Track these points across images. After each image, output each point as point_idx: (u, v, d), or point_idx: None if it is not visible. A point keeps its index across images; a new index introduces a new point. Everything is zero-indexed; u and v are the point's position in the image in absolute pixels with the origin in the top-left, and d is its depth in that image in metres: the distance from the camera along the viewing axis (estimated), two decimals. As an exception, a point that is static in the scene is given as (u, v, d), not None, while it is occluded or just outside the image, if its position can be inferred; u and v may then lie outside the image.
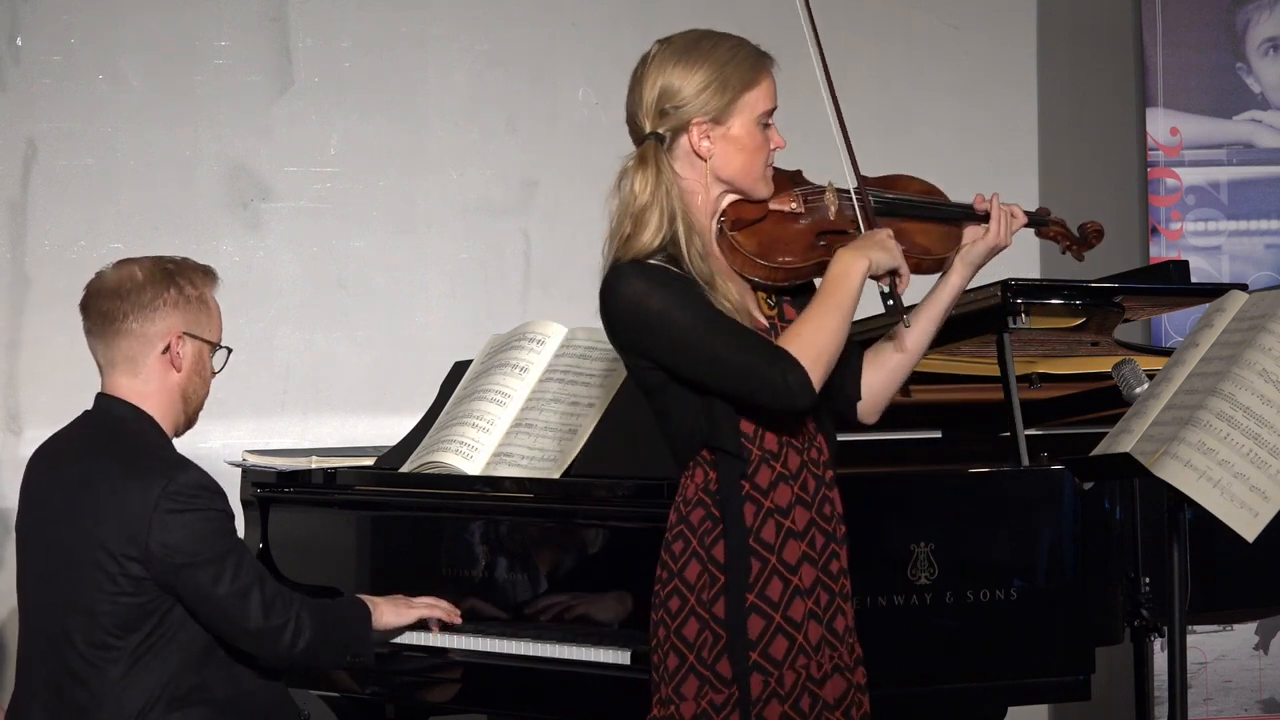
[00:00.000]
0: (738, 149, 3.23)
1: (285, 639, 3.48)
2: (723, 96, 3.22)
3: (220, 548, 3.44)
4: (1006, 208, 3.40)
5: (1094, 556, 3.88)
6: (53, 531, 3.52)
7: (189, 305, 3.57)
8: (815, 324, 3.15)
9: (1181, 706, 3.54)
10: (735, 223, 3.24)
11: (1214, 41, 5.96)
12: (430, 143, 5.84)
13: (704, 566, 3.18)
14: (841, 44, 6.26)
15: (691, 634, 3.18)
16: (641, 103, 3.24)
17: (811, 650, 3.19)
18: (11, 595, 5.37)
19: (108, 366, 3.59)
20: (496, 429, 4.24)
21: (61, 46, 5.55)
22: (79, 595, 3.44)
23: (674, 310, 3.13)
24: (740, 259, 3.23)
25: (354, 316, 5.75)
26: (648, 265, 3.16)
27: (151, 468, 3.44)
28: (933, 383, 4.64)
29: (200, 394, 3.61)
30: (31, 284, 5.51)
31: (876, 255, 3.18)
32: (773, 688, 3.16)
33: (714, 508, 3.19)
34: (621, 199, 3.21)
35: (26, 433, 5.45)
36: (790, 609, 3.18)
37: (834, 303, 3.16)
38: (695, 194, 3.23)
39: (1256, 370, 3.28)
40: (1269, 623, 5.79)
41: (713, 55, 3.25)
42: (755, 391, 3.12)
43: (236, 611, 3.44)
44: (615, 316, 3.19)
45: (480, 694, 3.98)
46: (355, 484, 4.38)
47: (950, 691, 3.78)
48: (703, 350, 3.12)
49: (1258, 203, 5.94)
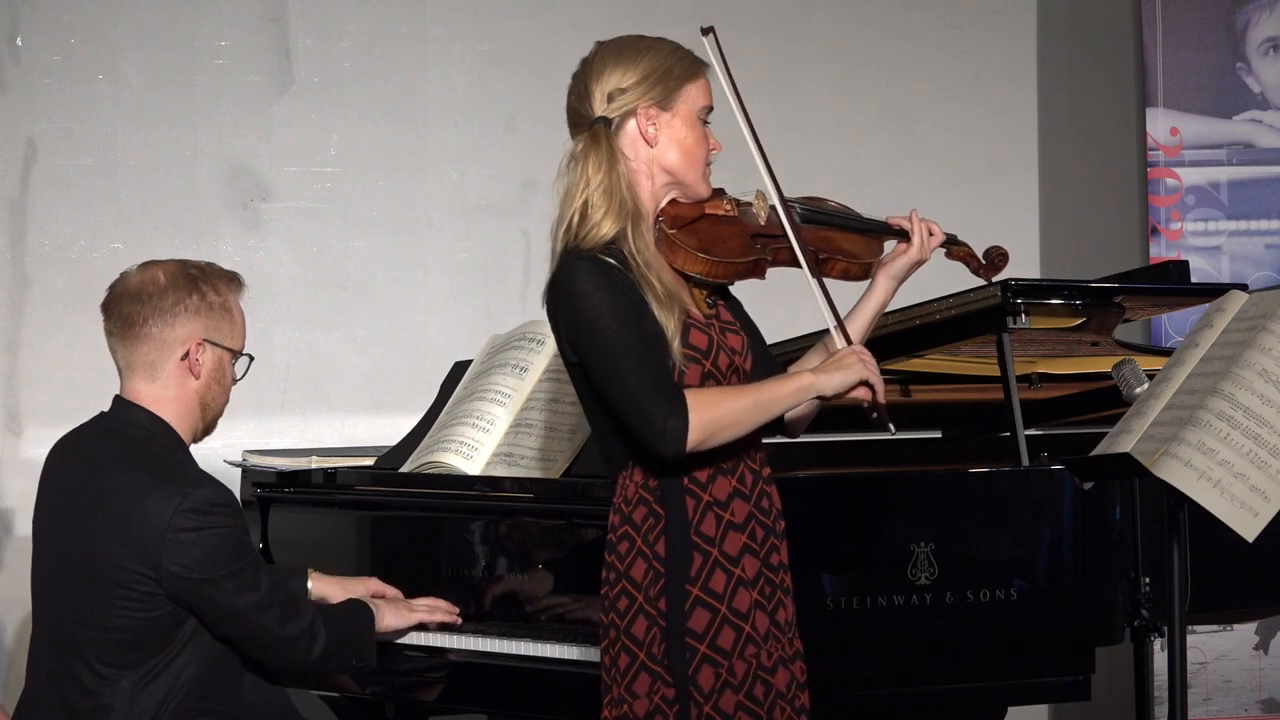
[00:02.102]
0: (681, 137, 3.30)
1: (302, 647, 3.48)
2: (667, 84, 3.30)
3: (237, 563, 3.41)
4: (925, 223, 3.48)
5: (1094, 556, 3.88)
6: (65, 543, 3.51)
7: (211, 312, 3.53)
8: (733, 401, 3.20)
9: (1181, 706, 3.54)
10: (674, 221, 3.32)
11: (1214, 41, 5.96)
12: (430, 143, 5.84)
13: (649, 564, 3.22)
14: (842, 43, 6.26)
15: (640, 632, 3.21)
16: (587, 93, 3.30)
17: (760, 640, 3.23)
18: (11, 595, 5.39)
19: (127, 370, 3.55)
20: (496, 429, 4.25)
21: (61, 46, 5.55)
22: (90, 609, 3.43)
23: (606, 318, 3.18)
24: (681, 255, 3.28)
25: (354, 316, 5.75)
26: (602, 263, 3.21)
27: (166, 485, 3.41)
28: (933, 383, 4.64)
29: (219, 402, 3.58)
30: (31, 284, 5.51)
31: (837, 377, 3.25)
32: (725, 678, 3.19)
33: (656, 504, 3.23)
34: (571, 182, 3.27)
35: (27, 432, 5.45)
36: (735, 600, 3.22)
37: (766, 397, 3.22)
38: (640, 180, 3.29)
39: (1256, 370, 3.27)
40: (1269, 623, 5.80)
41: (654, 49, 3.33)
42: (634, 420, 3.16)
43: (256, 623, 3.43)
44: (561, 308, 3.24)
45: (480, 694, 3.97)
46: (355, 484, 4.38)
47: (950, 691, 3.78)
48: (613, 362, 3.17)
49: (1258, 203, 5.94)
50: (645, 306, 3.19)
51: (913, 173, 6.19)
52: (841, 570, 3.65)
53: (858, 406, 3.33)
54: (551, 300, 3.26)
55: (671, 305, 3.21)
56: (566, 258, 3.24)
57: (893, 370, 4.54)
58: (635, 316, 3.19)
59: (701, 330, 3.25)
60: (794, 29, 6.12)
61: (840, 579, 3.64)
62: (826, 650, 3.60)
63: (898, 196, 6.26)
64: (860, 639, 3.66)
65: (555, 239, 3.28)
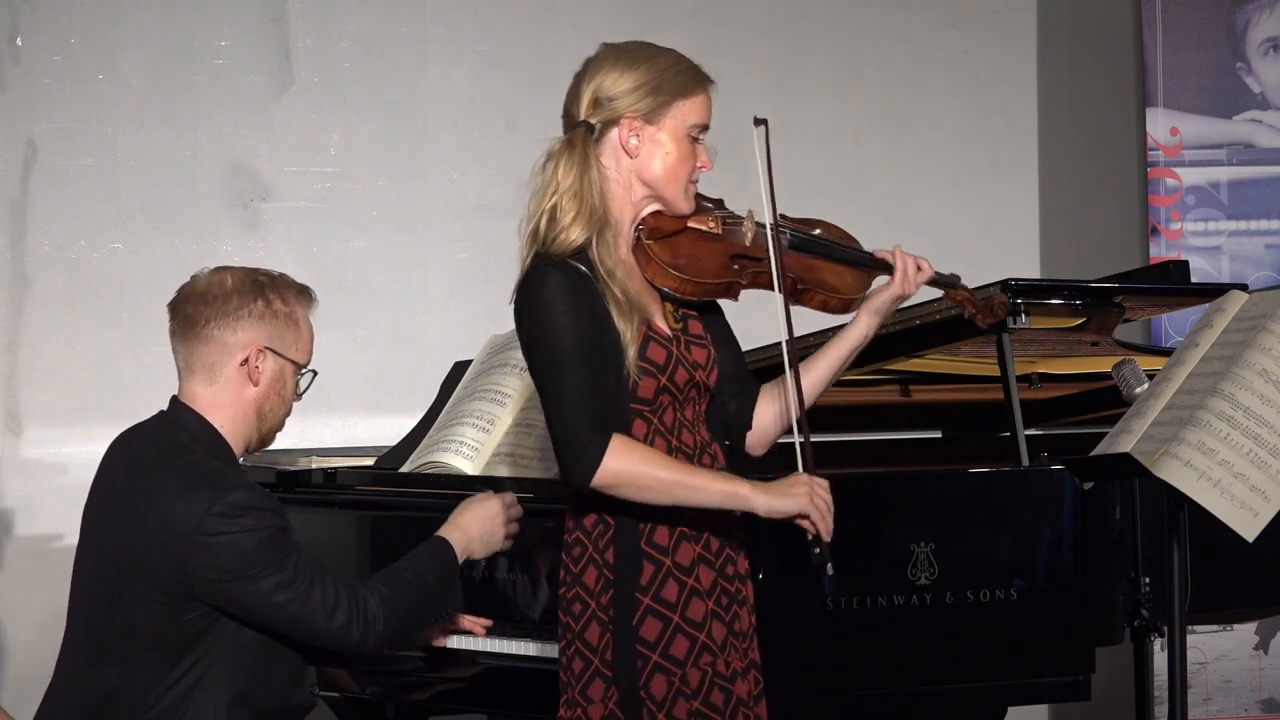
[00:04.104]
0: (663, 153, 3.27)
1: (354, 636, 3.40)
2: (656, 98, 3.26)
3: (273, 559, 3.35)
4: (912, 259, 3.40)
5: (1094, 556, 3.88)
6: (103, 539, 3.48)
7: (275, 320, 3.48)
8: (657, 468, 3.16)
9: (1181, 706, 3.54)
10: (653, 232, 3.29)
11: (1214, 41, 5.96)
12: (430, 143, 5.84)
13: (600, 570, 3.22)
14: (842, 43, 6.26)
15: (594, 638, 3.21)
16: (577, 95, 3.29)
17: (717, 648, 3.22)
18: (12, 596, 5.40)
19: (186, 371, 3.50)
20: (496, 429, 4.25)
21: (61, 46, 5.55)
22: (119, 607, 3.40)
23: (562, 333, 3.17)
24: (654, 267, 3.26)
25: (354, 316, 5.75)
26: (572, 271, 3.20)
27: (198, 489, 3.36)
28: (933, 383, 4.65)
29: (278, 414, 3.52)
30: (31, 284, 5.51)
31: (775, 502, 3.19)
32: (677, 687, 3.19)
33: (605, 512, 3.22)
34: (542, 182, 3.28)
35: (26, 433, 5.45)
36: (689, 610, 3.20)
37: (692, 483, 3.17)
38: (615, 190, 3.27)
39: (1256, 370, 3.28)
40: (1269, 623, 5.80)
41: (654, 60, 3.29)
42: (558, 434, 3.16)
43: (299, 618, 3.36)
44: (524, 310, 3.24)
45: (480, 694, 3.97)
46: (355, 484, 4.38)
47: (950, 691, 3.78)
48: (557, 376, 3.16)
49: (1258, 203, 5.94)
50: (608, 316, 3.18)
51: (913, 173, 6.19)
52: (841, 570, 3.65)
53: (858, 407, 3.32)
54: (518, 301, 3.26)
55: (631, 315, 3.19)
56: (537, 262, 3.24)
57: (893, 370, 4.55)
58: (594, 336, 3.17)
59: (661, 345, 3.23)
60: (793, 29, 6.12)
61: (840, 579, 3.64)
62: (826, 650, 3.61)
63: (898, 197, 6.28)
64: (860, 639, 3.66)
65: (522, 239, 3.29)
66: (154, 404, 3.63)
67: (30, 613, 5.36)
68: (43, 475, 5.43)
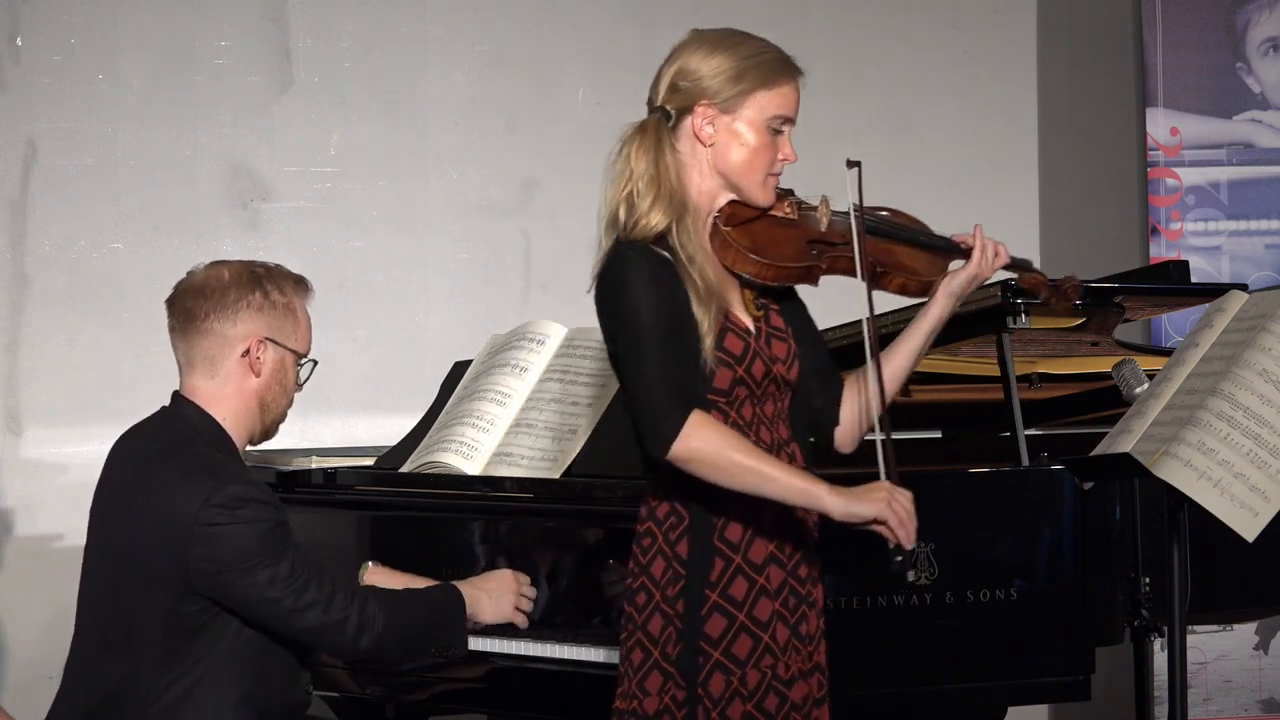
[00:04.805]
0: (739, 143, 3.22)
1: (348, 633, 3.40)
2: (735, 86, 3.21)
3: (270, 552, 3.35)
4: (991, 242, 3.38)
5: (1094, 556, 3.88)
6: (106, 535, 3.48)
7: (274, 310, 3.49)
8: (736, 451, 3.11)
9: (1181, 706, 3.54)
10: (730, 218, 3.25)
11: (1214, 41, 5.96)
12: (430, 143, 5.84)
13: (668, 563, 3.19)
14: (842, 43, 6.26)
15: (656, 630, 3.19)
16: (658, 79, 3.25)
17: (779, 651, 3.20)
18: (12, 596, 5.40)
19: (186, 365, 3.51)
20: (496, 429, 4.24)
21: (61, 46, 5.55)
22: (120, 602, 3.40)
23: (644, 311, 3.12)
24: (732, 253, 3.23)
25: (354, 316, 5.75)
26: (654, 256, 3.16)
27: (197, 480, 3.37)
28: (933, 383, 4.64)
29: (280, 404, 3.53)
30: (31, 284, 5.51)
31: (853, 506, 3.16)
32: (735, 686, 3.17)
33: (679, 504, 3.19)
34: (618, 170, 3.22)
35: (26, 433, 5.45)
36: (755, 609, 3.18)
37: (768, 473, 3.12)
38: (693, 176, 3.23)
39: (1256, 370, 3.28)
40: (1269, 623, 5.80)
41: (738, 48, 3.25)
42: (637, 407, 3.12)
43: (294, 611, 3.37)
44: (606, 293, 3.19)
45: (480, 694, 3.97)
46: (355, 484, 4.38)
47: (950, 691, 3.78)
48: (638, 351, 3.12)
49: (1258, 203, 5.94)
50: (689, 302, 3.14)
51: (913, 173, 6.18)
52: (841, 570, 3.65)
53: None
54: (598, 287, 3.20)
55: (710, 303, 3.15)
56: (618, 246, 3.18)
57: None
58: (676, 317, 3.13)
59: (739, 336, 3.20)
60: (793, 29, 6.11)
61: (840, 579, 3.64)
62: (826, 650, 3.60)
63: (898, 197, 6.24)
64: (860, 639, 3.66)
65: (601, 228, 3.22)
66: (154, 404, 3.63)
67: (30, 613, 5.36)
68: (43, 475, 5.43)
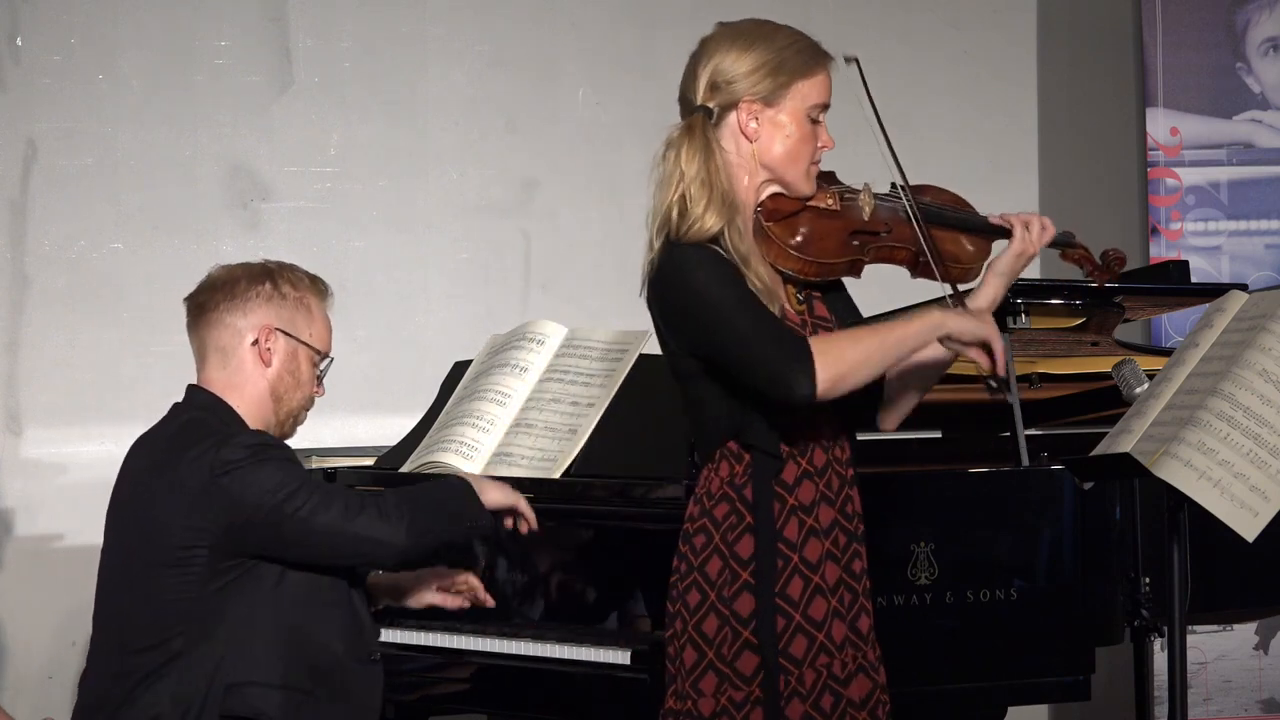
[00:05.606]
0: (784, 135, 3.20)
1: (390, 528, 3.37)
2: (775, 79, 3.20)
3: (298, 477, 3.36)
4: (1032, 218, 3.35)
5: (1094, 556, 3.88)
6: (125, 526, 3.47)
7: (284, 302, 3.52)
8: (856, 342, 3.11)
9: (1181, 706, 3.54)
10: (771, 214, 3.22)
11: (1214, 41, 5.96)
12: (430, 143, 5.84)
13: (725, 562, 3.15)
14: (841, 43, 6.25)
15: (711, 630, 3.15)
16: (694, 78, 3.21)
17: (835, 649, 3.17)
18: (12, 596, 5.40)
19: (200, 357, 3.52)
20: (496, 429, 4.25)
21: (61, 46, 5.55)
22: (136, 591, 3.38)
23: (715, 285, 3.09)
24: (775, 250, 3.20)
25: (354, 316, 5.74)
26: (709, 251, 3.13)
27: (202, 442, 3.37)
28: (932, 383, 4.64)
29: (294, 397, 3.55)
30: (31, 284, 5.51)
31: (968, 323, 3.14)
32: (793, 686, 3.14)
33: (739, 503, 3.16)
34: (666, 173, 3.17)
35: (26, 433, 5.45)
36: (811, 608, 3.16)
37: (892, 336, 3.12)
38: (738, 174, 3.20)
39: (1256, 370, 3.27)
40: (1269, 623, 5.80)
41: (772, 40, 3.23)
42: (759, 369, 3.07)
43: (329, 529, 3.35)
44: (665, 292, 3.15)
45: (480, 694, 3.97)
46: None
47: (950, 691, 3.78)
48: (727, 322, 3.08)
49: (1258, 203, 5.94)
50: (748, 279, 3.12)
51: (913, 173, 6.16)
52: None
53: None
54: (654, 287, 3.16)
55: (771, 302, 3.14)
56: (671, 246, 3.14)
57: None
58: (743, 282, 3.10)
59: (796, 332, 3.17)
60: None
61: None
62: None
63: (898, 196, 6.27)
64: (860, 639, 3.66)
65: (651, 232, 3.18)
66: (154, 404, 3.63)
67: (30, 613, 5.36)
68: (43, 475, 5.43)
